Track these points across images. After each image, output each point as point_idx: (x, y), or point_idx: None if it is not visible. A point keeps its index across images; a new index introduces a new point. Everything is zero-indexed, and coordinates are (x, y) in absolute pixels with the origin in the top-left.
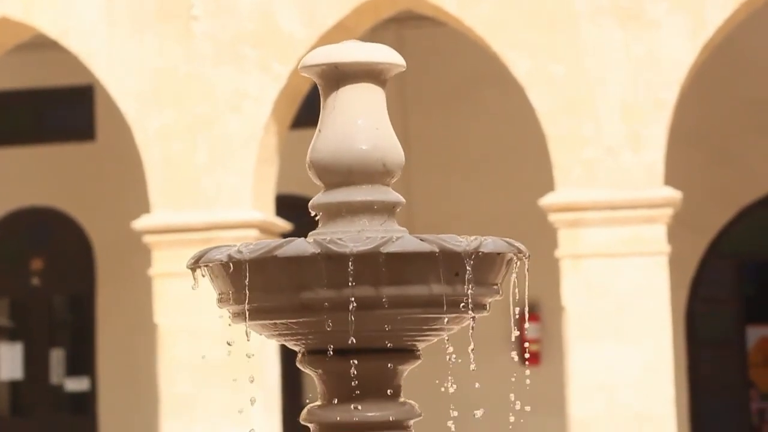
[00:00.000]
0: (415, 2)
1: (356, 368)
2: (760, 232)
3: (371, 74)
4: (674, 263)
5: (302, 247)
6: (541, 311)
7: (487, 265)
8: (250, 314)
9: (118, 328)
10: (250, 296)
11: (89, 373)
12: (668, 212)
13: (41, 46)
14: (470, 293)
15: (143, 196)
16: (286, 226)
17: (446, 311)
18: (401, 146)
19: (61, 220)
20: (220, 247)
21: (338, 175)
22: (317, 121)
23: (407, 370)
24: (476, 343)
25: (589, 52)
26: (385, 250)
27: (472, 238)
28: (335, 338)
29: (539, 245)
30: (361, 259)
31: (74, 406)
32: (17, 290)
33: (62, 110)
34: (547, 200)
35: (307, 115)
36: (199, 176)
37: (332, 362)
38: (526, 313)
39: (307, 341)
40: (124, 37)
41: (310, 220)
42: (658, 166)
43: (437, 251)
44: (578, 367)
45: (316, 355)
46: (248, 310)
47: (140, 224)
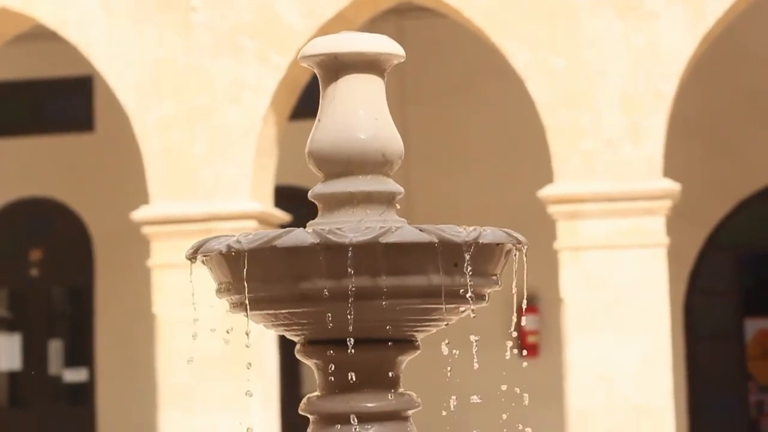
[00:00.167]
0: None
1: (355, 358)
2: (759, 224)
3: (371, 64)
4: (673, 255)
5: (301, 237)
6: (539, 303)
7: (486, 255)
8: (249, 304)
9: (116, 318)
10: (249, 286)
11: (88, 364)
12: (667, 204)
13: (40, 36)
14: (469, 284)
15: (142, 187)
16: (284, 217)
17: (445, 302)
18: (400, 137)
19: (60, 211)
20: (219, 237)
21: (338, 165)
22: (316, 112)
23: (406, 360)
24: (474, 334)
25: (588, 43)
26: (384, 240)
27: (471, 228)
28: (334, 328)
29: (538, 237)
30: (360, 249)
31: (73, 397)
32: (16, 281)
33: (61, 101)
34: (546, 192)
35: (306, 106)
36: (198, 167)
37: (331, 352)
38: (524, 303)
39: (306, 331)
40: (123, 28)
41: (308, 211)
42: (657, 157)
43: (436, 241)
44: (577, 359)
45: (315, 345)
46: (247, 300)
47: (139, 215)
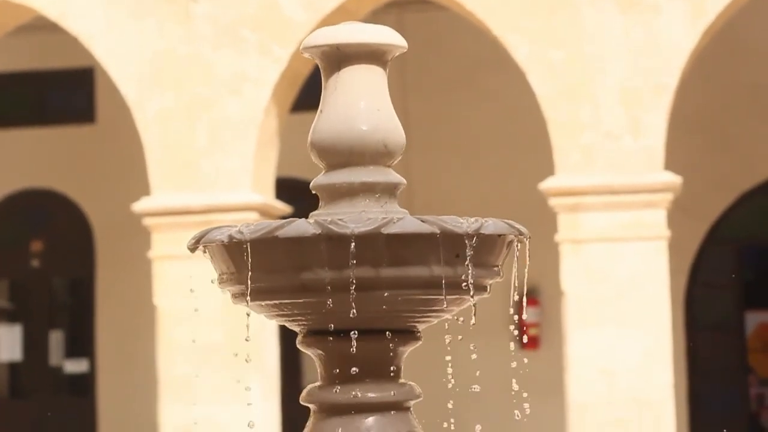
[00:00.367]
0: None
1: (356, 349)
2: (759, 217)
3: (373, 55)
4: (674, 248)
5: (303, 227)
6: (540, 296)
7: (487, 246)
8: (251, 295)
9: (117, 310)
10: (250, 277)
11: (88, 355)
12: (668, 197)
13: (41, 28)
14: (471, 275)
15: (143, 178)
16: (285, 209)
17: (446, 293)
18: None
19: (61, 202)
20: (221, 227)
21: (339, 155)
22: (317, 104)
23: (407, 351)
24: (475, 326)
25: (589, 37)
26: (386, 231)
27: (473, 219)
28: (336, 319)
29: (539, 230)
30: (362, 239)
31: (73, 387)
32: (17, 272)
33: (62, 92)
34: (547, 184)
35: (307, 98)
36: (199, 159)
37: (332, 343)
38: (524, 294)
39: (307, 322)
40: (124, 19)
41: (310, 203)
42: (658, 150)
43: (438, 232)
44: (577, 351)
45: (316, 335)
46: (249, 290)
47: (140, 207)
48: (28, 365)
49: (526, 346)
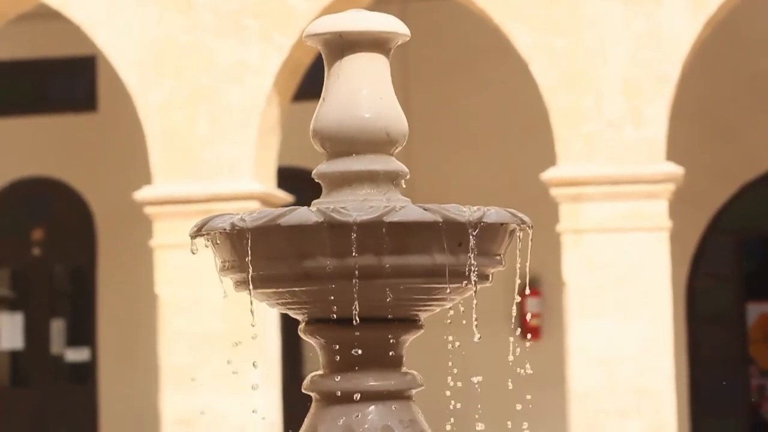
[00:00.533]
0: None
1: (358, 337)
2: (761, 208)
3: (376, 43)
4: (675, 239)
5: (305, 215)
6: (541, 286)
7: (490, 235)
8: (252, 283)
9: (118, 298)
10: (252, 265)
11: (89, 343)
12: (670, 188)
13: (43, 16)
14: (473, 263)
15: (145, 167)
16: (287, 198)
17: (449, 281)
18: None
19: (62, 190)
20: (222, 215)
21: (342, 143)
22: (319, 93)
23: (409, 339)
24: (477, 315)
25: (590, 26)
26: (388, 219)
27: (475, 208)
28: (338, 307)
29: (540, 219)
30: (364, 228)
31: (74, 376)
32: (18, 260)
33: (64, 81)
34: (549, 174)
35: (309, 87)
36: (200, 147)
37: (335, 331)
38: (526, 283)
39: (309, 310)
40: (125, 7)
41: (311, 192)
42: (660, 141)
43: (440, 221)
44: (579, 341)
45: (318, 324)
46: (251, 278)
47: (141, 195)
48: (29, 353)
49: (526, 335)
